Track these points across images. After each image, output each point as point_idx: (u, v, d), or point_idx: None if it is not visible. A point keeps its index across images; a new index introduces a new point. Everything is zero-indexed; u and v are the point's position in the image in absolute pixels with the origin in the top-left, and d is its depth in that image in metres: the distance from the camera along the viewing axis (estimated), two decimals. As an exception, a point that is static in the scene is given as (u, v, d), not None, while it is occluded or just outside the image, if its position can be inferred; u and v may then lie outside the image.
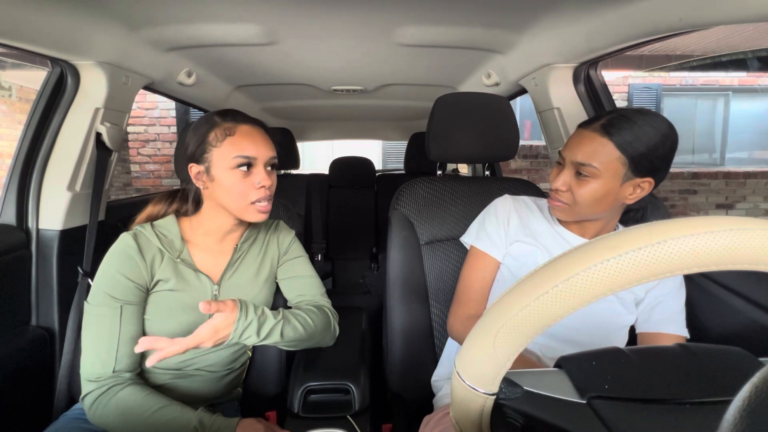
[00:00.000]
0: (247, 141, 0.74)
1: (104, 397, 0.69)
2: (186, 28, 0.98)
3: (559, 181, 0.73)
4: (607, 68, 3.69)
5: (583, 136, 0.71)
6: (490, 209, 0.87)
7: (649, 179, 0.69)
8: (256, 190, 0.75)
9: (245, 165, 0.74)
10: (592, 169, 0.68)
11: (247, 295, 0.83)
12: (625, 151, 0.67)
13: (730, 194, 4.68)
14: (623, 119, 0.68)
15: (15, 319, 0.96)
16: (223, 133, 0.74)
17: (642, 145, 0.66)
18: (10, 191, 0.98)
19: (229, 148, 0.73)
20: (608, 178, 0.68)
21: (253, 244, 0.87)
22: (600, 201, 0.70)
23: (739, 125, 4.84)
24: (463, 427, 0.36)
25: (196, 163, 0.75)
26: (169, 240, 0.78)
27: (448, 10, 0.92)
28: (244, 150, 0.73)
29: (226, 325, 0.69)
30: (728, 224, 0.27)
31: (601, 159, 0.68)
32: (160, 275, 0.76)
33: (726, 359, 0.38)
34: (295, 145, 2.14)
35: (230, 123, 0.75)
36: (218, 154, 0.73)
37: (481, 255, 0.85)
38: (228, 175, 0.73)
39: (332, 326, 0.88)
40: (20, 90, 4.42)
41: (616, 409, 0.33)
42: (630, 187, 0.69)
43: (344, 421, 0.74)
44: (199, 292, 0.79)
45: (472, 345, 0.33)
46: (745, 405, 0.19)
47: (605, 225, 0.77)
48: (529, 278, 0.31)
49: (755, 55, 3.83)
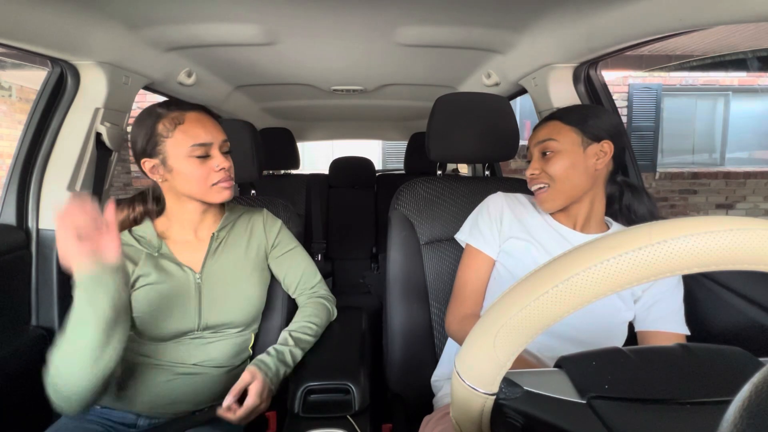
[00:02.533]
0: (198, 127, 0.75)
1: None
2: (186, 28, 0.98)
3: (530, 169, 0.82)
4: (607, 68, 3.69)
5: (538, 128, 0.84)
6: (483, 207, 0.89)
7: (607, 141, 0.77)
8: (216, 173, 0.77)
9: (201, 153, 0.75)
10: (553, 143, 0.78)
11: (232, 282, 0.84)
12: (573, 123, 0.78)
13: (730, 194, 4.68)
14: (567, 109, 0.83)
15: (15, 319, 0.96)
16: (172, 123, 0.74)
17: (587, 117, 0.78)
18: (10, 191, 0.98)
19: (182, 137, 0.74)
20: (569, 148, 0.77)
21: (231, 230, 0.88)
22: (572, 171, 0.77)
23: (739, 125, 4.83)
24: (463, 427, 0.36)
25: (148, 157, 0.75)
26: (147, 240, 0.81)
27: (448, 10, 0.92)
28: (198, 137, 0.74)
29: (262, 390, 0.73)
30: (728, 224, 0.27)
31: (557, 132, 0.79)
32: (139, 272, 0.77)
33: (726, 359, 0.38)
34: (295, 145, 2.14)
35: (176, 112, 0.75)
36: (172, 144, 0.74)
37: (475, 252, 0.86)
38: (186, 163, 0.74)
39: (332, 313, 0.94)
40: (20, 90, 4.43)
41: (616, 409, 0.33)
42: (593, 154, 0.77)
43: (344, 421, 0.74)
44: (182, 282, 0.80)
45: (472, 345, 0.33)
46: (745, 405, 0.19)
47: (590, 209, 0.80)
48: (529, 278, 0.31)
49: (755, 55, 3.83)
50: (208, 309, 0.80)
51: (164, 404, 0.79)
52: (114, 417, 0.78)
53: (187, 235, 0.84)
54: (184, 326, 0.79)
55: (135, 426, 0.78)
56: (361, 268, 2.26)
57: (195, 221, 0.84)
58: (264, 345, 0.93)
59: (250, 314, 0.86)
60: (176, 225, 0.83)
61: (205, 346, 0.81)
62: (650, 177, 4.49)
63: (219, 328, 0.82)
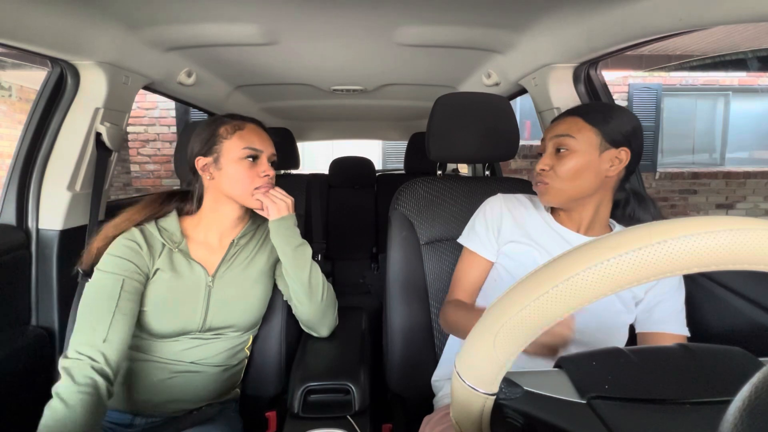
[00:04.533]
0: (254, 136, 0.83)
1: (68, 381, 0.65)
2: (186, 28, 0.98)
3: (542, 163, 0.78)
4: (607, 68, 3.69)
5: (557, 121, 0.79)
6: (480, 211, 0.88)
7: (624, 149, 0.73)
8: (260, 178, 0.82)
9: (252, 156, 0.81)
10: (570, 141, 0.74)
11: (241, 288, 0.84)
12: (596, 124, 0.74)
13: (730, 194, 4.68)
14: (590, 106, 0.79)
15: (15, 319, 0.96)
16: (233, 128, 0.82)
17: (610, 119, 0.74)
18: (10, 191, 0.98)
19: (239, 141, 0.81)
20: (585, 149, 0.73)
21: (250, 240, 0.89)
22: (581, 174, 0.74)
23: (739, 125, 4.83)
24: (463, 427, 0.36)
25: (203, 156, 0.82)
26: (169, 233, 0.82)
27: (448, 10, 0.92)
28: (253, 143, 0.82)
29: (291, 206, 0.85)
30: (728, 224, 0.27)
31: (577, 129, 0.74)
32: (159, 264, 0.79)
33: (726, 359, 0.38)
34: (295, 145, 2.14)
35: (239, 121, 0.84)
36: (228, 146, 0.81)
37: (471, 253, 0.86)
38: (236, 165, 0.80)
39: (334, 312, 0.93)
40: (20, 90, 4.43)
41: (616, 409, 0.33)
42: (608, 159, 0.73)
43: (344, 421, 0.74)
44: (194, 283, 0.80)
45: (472, 345, 0.33)
46: (745, 405, 0.19)
47: (595, 213, 0.78)
48: (529, 278, 0.31)
49: (755, 55, 3.83)
50: (213, 312, 0.81)
51: (161, 402, 0.79)
52: (111, 416, 0.78)
53: (211, 238, 0.85)
54: (188, 326, 0.79)
55: (131, 425, 0.78)
56: (361, 268, 2.26)
57: (225, 226, 0.86)
58: (262, 345, 0.93)
59: (253, 318, 0.86)
60: (205, 226, 0.85)
61: (204, 346, 0.81)
62: (650, 177, 4.49)
63: (220, 330, 0.82)
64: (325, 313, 0.89)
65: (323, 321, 0.90)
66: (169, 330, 0.78)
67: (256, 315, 0.87)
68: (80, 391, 0.64)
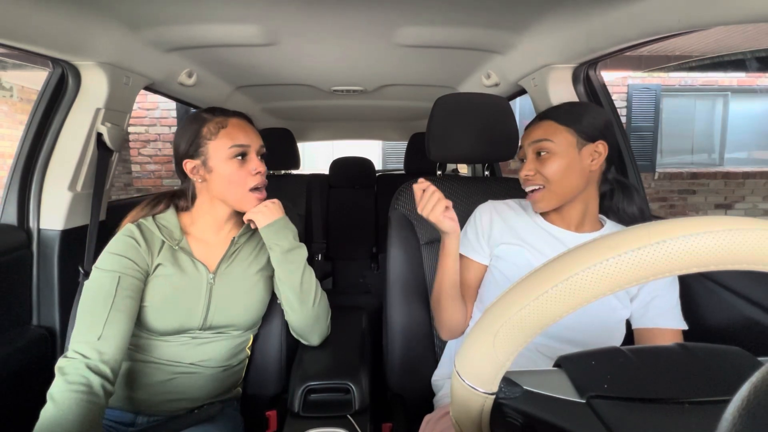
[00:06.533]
0: (239, 131, 0.80)
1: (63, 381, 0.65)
2: (187, 28, 0.98)
3: (524, 170, 0.81)
4: (606, 68, 3.69)
5: (532, 127, 0.82)
6: (471, 218, 0.90)
7: (601, 142, 0.77)
8: (252, 177, 0.81)
9: (241, 154, 0.79)
10: (548, 144, 0.77)
11: (242, 287, 0.84)
12: (570, 123, 0.77)
13: (729, 194, 4.68)
14: (560, 108, 0.81)
15: (16, 319, 0.96)
16: (216, 127, 0.79)
17: (581, 117, 0.78)
18: (12, 191, 0.98)
19: (225, 140, 0.79)
20: (564, 149, 0.77)
21: (250, 238, 0.89)
22: (568, 173, 0.77)
23: (738, 125, 4.84)
24: (463, 426, 0.36)
25: (190, 158, 0.80)
26: (168, 230, 0.82)
27: (447, 11, 0.92)
28: (239, 139, 0.79)
29: (277, 208, 0.84)
30: (727, 224, 0.27)
31: (552, 133, 0.78)
32: (159, 260, 0.79)
33: (725, 359, 0.38)
34: (295, 145, 2.14)
35: (221, 117, 0.81)
36: (214, 146, 0.79)
37: (464, 257, 0.87)
38: (226, 165, 0.79)
39: (326, 321, 0.90)
40: (21, 90, 4.43)
41: (615, 409, 0.33)
42: (588, 154, 0.77)
43: (344, 421, 0.74)
44: (195, 279, 0.80)
45: (471, 345, 0.33)
46: (744, 405, 0.19)
47: (585, 209, 0.81)
48: (529, 278, 0.31)
49: (754, 56, 3.83)
50: (215, 310, 0.81)
51: (162, 402, 0.79)
52: (112, 416, 0.78)
53: (208, 235, 0.85)
54: (188, 323, 0.79)
55: (133, 424, 0.78)
56: (361, 268, 2.26)
57: (220, 222, 0.85)
58: (263, 345, 0.93)
59: (253, 317, 0.86)
60: (200, 223, 0.85)
61: (204, 345, 0.81)
62: (649, 177, 4.50)
63: (221, 329, 0.82)
64: (316, 319, 0.87)
65: (314, 328, 0.87)
66: (170, 327, 0.78)
67: (257, 314, 0.87)
68: (72, 390, 0.63)
